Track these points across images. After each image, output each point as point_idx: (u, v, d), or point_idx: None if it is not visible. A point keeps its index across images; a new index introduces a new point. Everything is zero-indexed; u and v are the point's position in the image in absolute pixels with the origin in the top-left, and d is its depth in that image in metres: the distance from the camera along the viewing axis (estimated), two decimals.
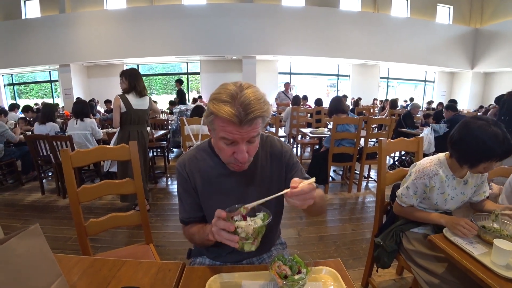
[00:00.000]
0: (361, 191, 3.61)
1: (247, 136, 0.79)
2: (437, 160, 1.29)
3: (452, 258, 1.01)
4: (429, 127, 3.93)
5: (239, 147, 0.80)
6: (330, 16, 9.46)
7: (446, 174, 1.26)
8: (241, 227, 0.72)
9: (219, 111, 0.75)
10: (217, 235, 0.74)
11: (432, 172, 1.26)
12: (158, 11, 9.18)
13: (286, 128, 5.57)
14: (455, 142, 1.19)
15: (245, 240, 0.73)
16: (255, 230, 0.72)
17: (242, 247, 0.74)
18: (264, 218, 0.76)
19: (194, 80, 11.56)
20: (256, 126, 0.79)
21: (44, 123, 3.57)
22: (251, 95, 0.76)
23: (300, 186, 0.71)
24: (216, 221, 0.74)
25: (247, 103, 0.74)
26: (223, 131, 0.78)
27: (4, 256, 0.52)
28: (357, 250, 2.27)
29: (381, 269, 1.55)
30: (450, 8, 10.89)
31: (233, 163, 0.87)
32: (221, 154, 0.87)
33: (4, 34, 9.54)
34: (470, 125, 1.15)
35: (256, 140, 0.84)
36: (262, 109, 0.76)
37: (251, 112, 0.74)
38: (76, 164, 1.26)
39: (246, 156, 0.82)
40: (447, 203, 1.30)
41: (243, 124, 0.75)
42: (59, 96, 10.92)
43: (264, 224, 0.74)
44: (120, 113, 2.72)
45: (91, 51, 9.43)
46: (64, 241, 2.37)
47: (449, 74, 12.15)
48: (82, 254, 1.30)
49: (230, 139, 0.79)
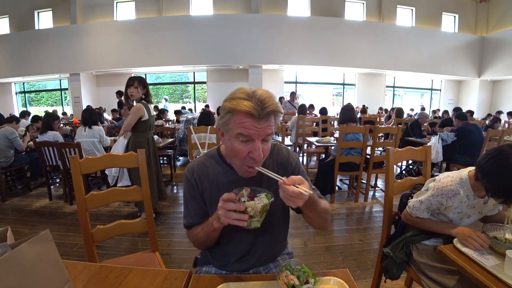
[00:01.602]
0: (368, 201, 3.56)
1: (263, 133, 0.81)
2: (459, 179, 1.21)
3: (464, 270, 0.98)
4: (436, 136, 3.89)
5: (255, 144, 0.82)
6: (335, 26, 9.55)
7: (467, 194, 1.19)
8: (250, 206, 0.76)
9: (237, 106, 0.79)
10: (226, 217, 0.77)
11: (452, 192, 1.19)
12: (166, 22, 9.40)
13: (292, 137, 5.56)
14: (487, 174, 1.07)
15: (252, 219, 0.77)
16: (263, 207, 0.78)
17: (249, 225, 0.78)
18: (268, 197, 0.80)
19: (201, 89, 11.70)
20: (271, 123, 0.83)
21: (44, 133, 3.63)
22: (264, 93, 0.82)
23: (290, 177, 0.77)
24: (225, 204, 0.77)
25: (263, 99, 0.80)
26: (241, 127, 0.80)
27: (15, 261, 0.53)
28: (365, 261, 2.23)
29: (389, 280, 1.51)
30: (455, 17, 10.92)
31: (247, 165, 0.87)
32: (236, 155, 0.86)
33: (18, 44, 9.86)
34: (507, 155, 1.02)
35: (270, 140, 0.87)
36: (276, 105, 0.81)
37: (268, 107, 0.79)
38: (85, 171, 1.28)
39: (262, 154, 0.84)
40: (462, 221, 1.26)
41: (261, 119, 0.79)
42: (69, 104, 11.14)
43: (270, 202, 0.79)
44: (141, 121, 2.69)
45: (101, 61, 9.67)
46: (70, 247, 2.39)
47: (456, 82, 12.08)
48: (88, 260, 1.30)
49: (246, 135, 0.81)
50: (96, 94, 10.94)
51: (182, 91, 12.39)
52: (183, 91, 12.38)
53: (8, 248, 0.58)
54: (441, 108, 11.28)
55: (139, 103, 2.69)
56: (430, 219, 1.32)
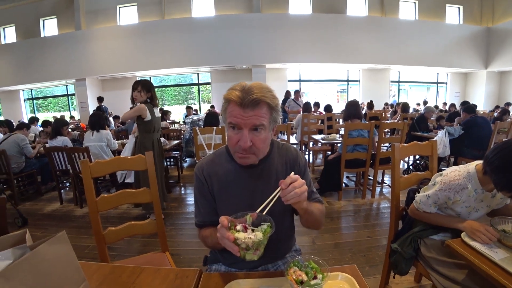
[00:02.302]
0: (375, 197, 3.55)
1: (250, 122, 0.84)
2: (466, 173, 1.20)
3: (472, 264, 0.98)
4: (443, 130, 3.85)
5: (242, 132, 0.86)
6: (338, 22, 9.50)
7: (475, 188, 1.18)
8: (239, 239, 0.72)
9: (229, 95, 0.86)
10: (221, 242, 0.76)
11: (459, 186, 1.18)
12: (168, 24, 9.46)
13: (297, 135, 5.57)
14: (496, 168, 1.06)
15: (246, 250, 0.73)
16: (254, 242, 0.72)
17: (244, 256, 0.74)
18: (266, 230, 0.76)
19: (205, 90, 11.76)
20: (259, 113, 0.85)
21: (54, 138, 3.70)
22: (256, 84, 0.87)
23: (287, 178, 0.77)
24: (219, 228, 0.76)
25: (249, 88, 0.85)
26: (230, 116, 0.86)
27: (34, 261, 0.55)
28: (373, 257, 2.23)
29: (398, 276, 1.51)
30: (459, 8, 10.74)
31: (238, 153, 0.91)
32: (229, 143, 0.92)
33: (25, 52, 10.05)
34: None
35: (262, 132, 0.88)
36: (263, 94, 0.84)
37: (252, 94, 0.82)
38: (95, 175, 1.31)
39: (248, 143, 0.86)
40: (470, 215, 1.25)
41: (246, 107, 0.83)
42: (75, 109, 11.31)
43: (264, 237, 0.74)
44: (143, 122, 2.79)
45: (106, 65, 9.79)
46: (82, 249, 2.44)
47: (462, 75, 11.90)
48: (101, 261, 1.34)
49: (234, 124, 0.86)
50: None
51: (186, 92, 12.46)
52: (187, 92, 12.45)
53: (28, 250, 0.61)
54: (448, 101, 11.14)
55: (143, 103, 2.80)
56: (437, 214, 1.32)
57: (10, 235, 0.66)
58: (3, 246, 0.63)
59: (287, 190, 0.77)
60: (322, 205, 1.03)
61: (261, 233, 0.75)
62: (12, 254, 0.60)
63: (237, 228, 0.76)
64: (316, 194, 1.04)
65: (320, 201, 1.03)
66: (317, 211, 0.95)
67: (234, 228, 0.76)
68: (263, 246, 0.76)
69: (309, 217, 0.93)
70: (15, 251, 0.61)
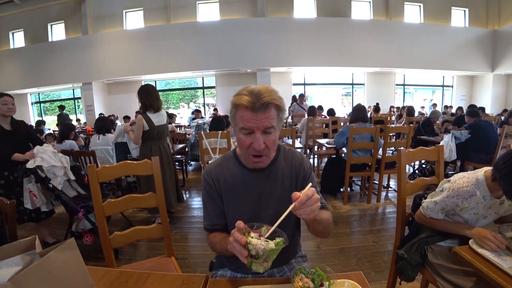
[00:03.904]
0: (381, 202, 3.52)
1: (262, 125, 0.87)
2: (475, 180, 1.19)
3: (480, 272, 0.97)
4: (449, 134, 3.81)
5: (255, 135, 0.88)
6: (342, 26, 9.51)
7: (484, 195, 1.17)
8: (252, 244, 0.72)
9: (238, 100, 0.87)
10: (231, 245, 0.76)
11: (468, 193, 1.17)
12: (174, 29, 9.56)
13: (302, 139, 5.56)
14: (505, 175, 1.05)
15: (254, 259, 0.73)
16: (265, 251, 0.71)
17: (250, 265, 0.73)
18: (279, 243, 0.75)
19: (210, 94, 11.82)
20: (269, 116, 0.87)
21: (61, 142, 3.74)
22: (263, 88, 0.89)
23: (302, 193, 0.75)
24: (233, 232, 0.76)
25: (259, 92, 0.87)
26: (242, 121, 0.88)
27: (45, 268, 0.56)
28: (379, 263, 2.21)
29: (404, 282, 1.50)
30: (465, 11, 10.68)
31: (252, 156, 0.92)
32: (241, 147, 0.94)
33: (33, 56, 10.22)
34: None
35: (273, 133, 0.90)
36: (272, 96, 0.87)
37: (263, 98, 0.85)
38: (102, 179, 1.33)
39: (262, 145, 0.88)
40: (478, 221, 1.24)
41: (257, 111, 0.85)
42: (82, 112, 11.44)
43: (275, 248, 0.73)
44: (143, 132, 2.77)
45: (112, 69, 9.91)
46: (87, 252, 2.45)
47: (469, 78, 11.80)
48: (107, 265, 1.35)
49: (247, 128, 0.87)
50: (108, 102, 11.21)
51: (191, 96, 12.54)
52: (192, 96, 12.53)
53: (37, 256, 0.62)
54: (454, 104, 11.04)
55: (138, 115, 2.78)
56: (444, 220, 1.31)
57: (19, 242, 0.67)
58: (13, 252, 0.64)
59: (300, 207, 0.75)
60: (329, 212, 1.02)
61: (274, 243, 0.74)
62: (21, 260, 0.61)
63: (251, 235, 0.76)
64: (322, 199, 1.03)
65: (326, 208, 1.03)
66: (325, 219, 0.95)
67: (248, 235, 0.76)
68: (272, 259, 0.76)
69: (318, 226, 0.92)
70: (24, 257, 0.61)
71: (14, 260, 0.60)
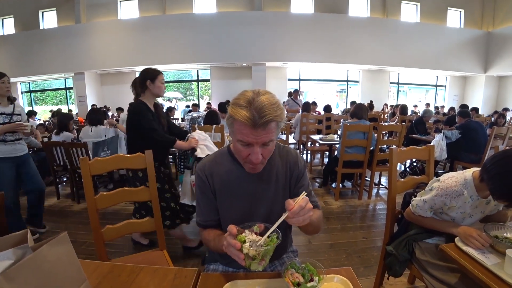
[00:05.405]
0: (372, 198, 3.58)
1: (261, 140, 0.84)
2: (463, 180, 1.22)
3: (464, 269, 1.01)
4: (440, 134, 3.88)
5: (253, 149, 0.86)
6: (339, 23, 9.50)
7: (471, 195, 1.21)
8: (246, 248, 0.73)
9: (236, 115, 0.82)
10: (227, 250, 0.77)
11: (456, 192, 1.21)
12: (169, 20, 9.42)
13: (296, 134, 5.58)
14: (493, 177, 1.08)
15: (251, 260, 0.74)
16: (261, 252, 0.74)
17: (249, 266, 0.75)
18: (273, 240, 0.77)
19: (205, 87, 11.73)
20: (270, 131, 0.84)
21: (59, 134, 3.68)
22: (265, 100, 0.82)
23: (295, 203, 0.75)
24: (227, 236, 0.77)
25: (261, 108, 0.80)
26: (240, 134, 0.84)
27: (37, 262, 0.56)
28: (368, 258, 2.25)
29: (392, 277, 1.54)
30: (461, 12, 10.79)
31: (248, 164, 0.91)
32: (238, 156, 0.94)
33: (23, 44, 9.97)
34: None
35: (271, 144, 0.89)
36: (274, 113, 0.81)
37: (264, 116, 0.80)
38: (94, 172, 1.32)
39: (260, 158, 0.87)
40: (464, 220, 1.28)
41: (257, 128, 0.81)
42: (73, 102, 11.25)
43: (270, 247, 0.75)
44: None
45: (105, 60, 9.73)
46: (79, 245, 2.44)
47: (461, 78, 11.96)
48: (98, 259, 1.35)
49: (245, 142, 0.85)
50: (100, 92, 11.03)
51: (185, 89, 12.42)
52: (186, 89, 12.42)
53: (29, 250, 0.62)
54: (447, 104, 11.18)
55: None
56: (432, 218, 1.35)
57: (11, 235, 0.66)
58: (4, 246, 0.64)
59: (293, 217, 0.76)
60: (320, 210, 1.04)
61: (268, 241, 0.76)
62: (13, 254, 0.61)
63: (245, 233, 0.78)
64: (314, 198, 1.04)
65: (317, 206, 1.04)
66: (316, 219, 0.96)
67: (241, 234, 0.77)
68: (269, 256, 0.78)
69: (309, 227, 0.94)
70: (16, 251, 0.61)
71: (5, 254, 0.60)
